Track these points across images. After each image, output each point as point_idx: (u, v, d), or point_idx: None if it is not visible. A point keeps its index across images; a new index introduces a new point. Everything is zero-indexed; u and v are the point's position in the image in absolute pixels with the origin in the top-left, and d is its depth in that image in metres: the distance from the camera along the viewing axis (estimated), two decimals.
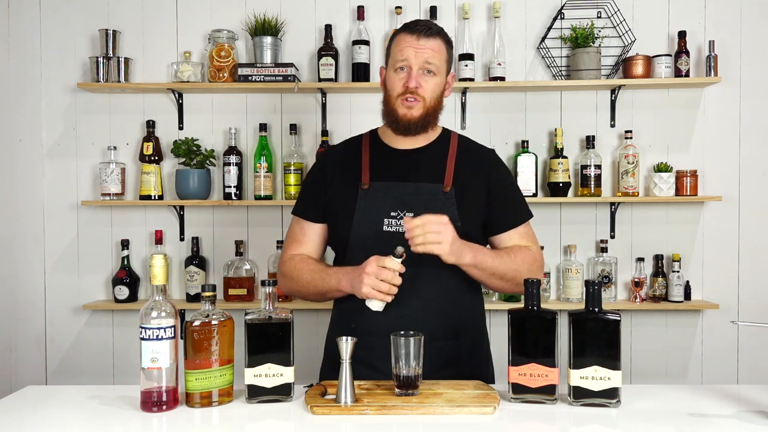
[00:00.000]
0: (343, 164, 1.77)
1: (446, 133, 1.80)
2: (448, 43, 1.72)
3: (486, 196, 1.72)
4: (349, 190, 1.71)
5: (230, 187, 2.87)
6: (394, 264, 1.51)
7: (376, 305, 1.54)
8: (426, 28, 1.67)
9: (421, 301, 1.64)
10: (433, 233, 1.51)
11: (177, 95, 2.95)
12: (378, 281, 1.51)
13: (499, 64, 2.85)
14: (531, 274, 1.66)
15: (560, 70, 2.93)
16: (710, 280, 2.94)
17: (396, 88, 1.67)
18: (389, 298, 1.53)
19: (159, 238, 2.91)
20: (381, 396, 1.41)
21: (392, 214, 1.66)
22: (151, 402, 1.36)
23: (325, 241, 1.81)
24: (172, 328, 1.37)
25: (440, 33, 1.69)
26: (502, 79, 2.85)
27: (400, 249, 1.51)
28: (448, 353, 1.65)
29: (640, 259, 2.91)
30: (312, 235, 1.78)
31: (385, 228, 1.66)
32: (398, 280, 1.52)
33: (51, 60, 2.98)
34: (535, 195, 2.84)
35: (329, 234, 1.78)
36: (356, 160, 1.75)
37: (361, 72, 2.86)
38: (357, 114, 2.96)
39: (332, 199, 1.74)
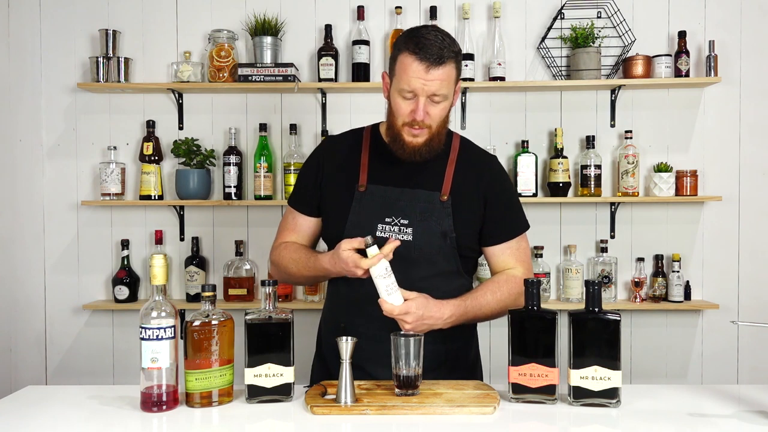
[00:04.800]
0: (341, 160, 1.73)
1: (448, 135, 1.74)
2: (458, 61, 1.60)
3: (482, 208, 1.69)
4: (345, 189, 1.67)
5: (230, 187, 2.87)
6: (368, 262, 1.49)
7: (391, 298, 1.49)
8: (437, 57, 1.53)
9: None
10: (424, 325, 1.54)
11: (177, 95, 2.95)
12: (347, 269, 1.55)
13: (499, 64, 2.85)
14: (517, 305, 1.64)
15: (560, 70, 2.93)
16: (710, 280, 2.94)
17: (402, 114, 1.60)
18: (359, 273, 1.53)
19: (159, 238, 2.91)
20: (381, 396, 1.41)
21: (387, 219, 1.64)
22: (151, 402, 1.36)
23: (317, 234, 1.79)
24: (172, 328, 1.37)
25: (450, 56, 1.56)
26: (502, 79, 2.85)
27: (369, 239, 1.49)
28: (436, 357, 1.62)
29: (640, 259, 2.91)
30: (305, 227, 1.77)
31: (378, 233, 1.63)
32: (359, 271, 1.52)
33: (51, 60, 2.98)
34: (535, 195, 2.84)
35: (322, 228, 1.76)
36: (355, 157, 1.71)
37: (361, 72, 2.86)
38: (357, 114, 2.96)
39: (327, 197, 1.71)
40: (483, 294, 1.65)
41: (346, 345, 1.39)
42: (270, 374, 1.41)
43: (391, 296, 1.49)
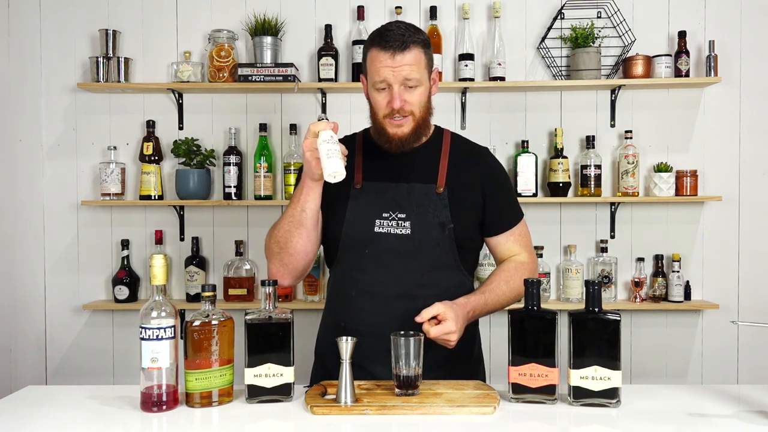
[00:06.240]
0: None
1: (439, 131, 1.77)
2: (426, 45, 1.63)
3: (481, 198, 1.70)
4: (341, 189, 1.66)
5: (230, 187, 2.87)
6: (316, 126, 1.55)
7: (329, 168, 1.49)
8: (399, 42, 1.57)
9: (411, 302, 1.61)
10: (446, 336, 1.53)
11: (177, 95, 2.95)
12: (306, 145, 1.56)
13: (499, 64, 2.85)
14: None
15: (560, 70, 2.93)
16: (710, 280, 2.94)
17: (381, 108, 1.63)
18: (313, 155, 1.54)
19: (159, 238, 2.91)
20: (381, 396, 1.41)
21: (384, 215, 1.65)
22: (151, 402, 1.36)
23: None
24: (172, 328, 1.37)
25: (415, 41, 1.59)
26: (502, 79, 2.85)
27: (321, 114, 1.53)
28: (437, 355, 1.60)
29: (640, 259, 2.91)
30: None
31: (376, 229, 1.64)
32: (311, 137, 1.55)
33: (51, 60, 2.98)
34: (535, 195, 2.84)
35: (322, 230, 1.71)
36: (349, 159, 1.70)
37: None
38: (357, 114, 2.96)
39: (325, 198, 1.69)
40: (498, 285, 1.68)
41: (346, 345, 1.39)
42: (270, 374, 1.41)
43: (331, 159, 1.50)
